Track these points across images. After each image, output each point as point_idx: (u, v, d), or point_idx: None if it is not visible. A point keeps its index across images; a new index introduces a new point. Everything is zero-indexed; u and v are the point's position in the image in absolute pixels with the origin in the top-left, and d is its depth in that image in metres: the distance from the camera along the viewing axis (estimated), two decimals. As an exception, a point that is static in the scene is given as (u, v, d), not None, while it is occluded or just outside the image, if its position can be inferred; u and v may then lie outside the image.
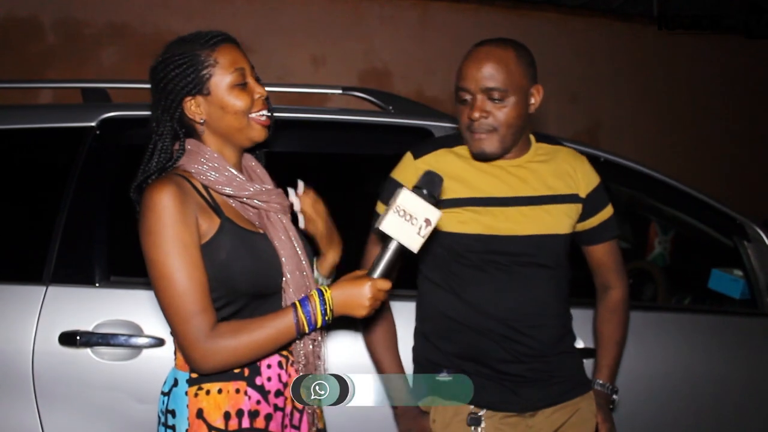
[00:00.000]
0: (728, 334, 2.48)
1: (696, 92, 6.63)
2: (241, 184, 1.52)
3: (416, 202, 1.42)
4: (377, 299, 1.46)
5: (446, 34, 5.37)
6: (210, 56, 1.49)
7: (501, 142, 1.74)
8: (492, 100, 1.70)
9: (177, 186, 1.43)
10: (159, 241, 1.39)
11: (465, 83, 1.72)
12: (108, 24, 4.89)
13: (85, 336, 1.98)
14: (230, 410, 1.46)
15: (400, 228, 1.41)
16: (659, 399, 2.34)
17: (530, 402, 1.82)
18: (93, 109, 2.27)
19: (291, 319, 1.42)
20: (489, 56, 1.71)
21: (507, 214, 1.79)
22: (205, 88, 1.49)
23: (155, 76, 1.51)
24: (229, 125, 1.52)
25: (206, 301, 1.40)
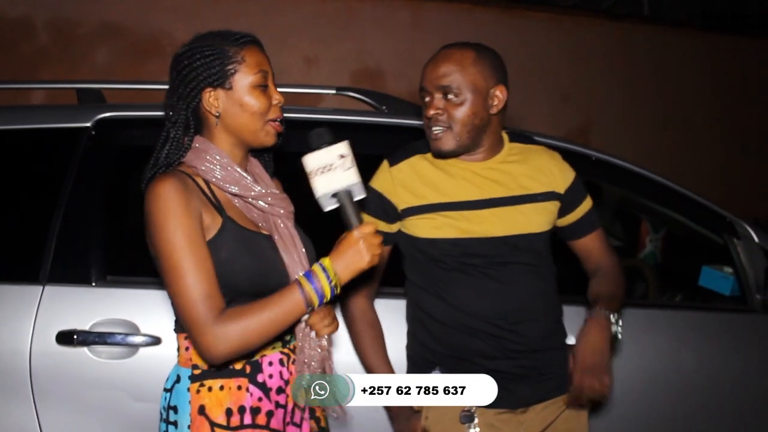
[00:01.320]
0: (719, 330, 2.50)
1: (687, 91, 6.66)
2: (248, 185, 1.53)
3: (320, 156, 1.44)
4: (370, 243, 1.45)
5: (439, 34, 5.38)
6: (238, 53, 1.51)
7: (456, 140, 1.77)
8: (446, 99, 1.75)
9: (180, 181, 1.44)
10: (166, 233, 1.40)
11: (423, 83, 1.80)
12: (101, 24, 4.89)
13: (82, 335, 1.99)
14: (232, 407, 1.47)
15: (330, 180, 1.44)
16: (651, 396, 2.36)
17: (522, 398, 1.84)
18: (88, 109, 2.28)
19: (298, 295, 1.42)
20: (445, 57, 1.78)
21: (480, 217, 1.81)
22: (228, 82, 1.50)
23: (178, 64, 1.52)
24: (244, 124, 1.53)
25: (212, 286, 1.41)
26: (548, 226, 1.89)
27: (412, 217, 1.84)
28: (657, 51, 6.52)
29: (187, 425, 1.47)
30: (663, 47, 6.54)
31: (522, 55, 5.72)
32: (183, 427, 1.47)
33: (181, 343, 1.54)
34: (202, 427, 1.45)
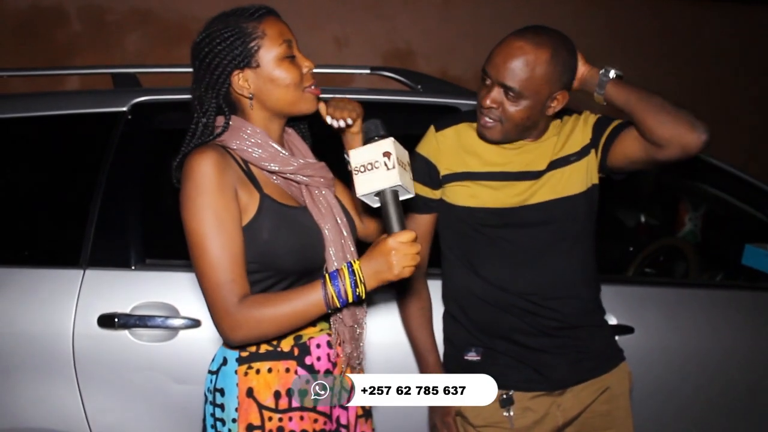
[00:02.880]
0: (762, 310, 2.45)
1: (722, 65, 6.52)
2: (285, 160, 1.50)
3: (365, 152, 1.39)
4: (405, 254, 1.36)
5: (469, 13, 5.32)
6: (257, 28, 1.46)
7: (503, 134, 1.75)
8: (506, 95, 1.69)
9: (219, 154, 1.41)
10: (194, 209, 1.37)
11: (488, 68, 1.71)
12: (131, 10, 4.91)
13: (123, 318, 2.01)
14: (280, 389, 1.46)
15: (372, 179, 1.37)
16: (694, 377, 2.33)
17: (559, 379, 1.82)
18: (124, 94, 2.29)
19: (319, 293, 1.39)
20: (519, 52, 1.67)
21: (519, 188, 1.79)
22: (254, 60, 1.46)
23: (198, 53, 1.48)
24: (280, 98, 1.49)
25: (238, 270, 1.38)
26: (587, 185, 1.83)
27: (451, 183, 1.82)
28: (692, 24, 6.39)
29: (234, 408, 1.46)
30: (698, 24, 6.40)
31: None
32: (230, 410, 1.46)
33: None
34: (250, 410, 1.44)
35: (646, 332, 2.24)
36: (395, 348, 2.10)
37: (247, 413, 1.44)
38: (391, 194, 1.38)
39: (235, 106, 1.51)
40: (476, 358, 1.83)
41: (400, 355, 2.09)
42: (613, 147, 1.80)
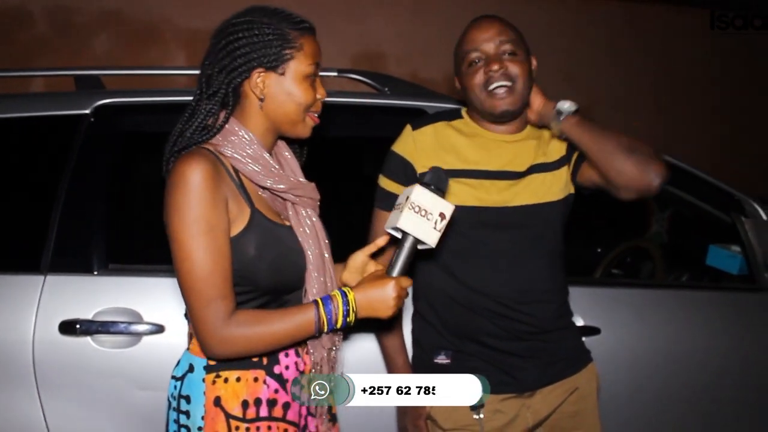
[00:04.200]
0: (727, 309, 2.48)
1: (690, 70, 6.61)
2: (279, 177, 1.47)
3: (430, 198, 1.42)
4: (401, 298, 1.43)
5: (441, 15, 5.34)
6: (298, 39, 1.45)
7: (520, 98, 1.78)
8: (505, 55, 1.76)
9: (212, 164, 1.38)
10: (185, 220, 1.34)
11: (475, 44, 1.77)
12: (100, 11, 4.86)
13: (84, 324, 1.98)
14: (248, 399, 1.44)
15: (417, 224, 1.41)
16: (660, 376, 2.35)
17: (529, 381, 1.82)
18: (87, 96, 2.25)
19: (311, 316, 1.39)
20: (493, 21, 1.81)
21: (499, 187, 1.80)
22: (282, 67, 1.44)
23: (231, 33, 1.43)
24: (286, 114, 1.46)
25: (227, 286, 1.37)
26: (563, 194, 1.86)
27: None
28: (660, 30, 6.47)
29: (200, 416, 1.43)
30: (666, 27, 6.49)
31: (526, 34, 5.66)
32: (196, 418, 1.44)
33: (194, 331, 1.48)
34: (218, 419, 1.42)
35: (613, 333, 2.26)
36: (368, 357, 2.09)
37: (214, 422, 1.42)
38: (415, 243, 1.44)
39: (239, 102, 1.47)
40: (446, 361, 1.83)
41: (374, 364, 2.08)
42: (581, 169, 1.85)
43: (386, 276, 1.44)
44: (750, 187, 3.67)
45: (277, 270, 1.45)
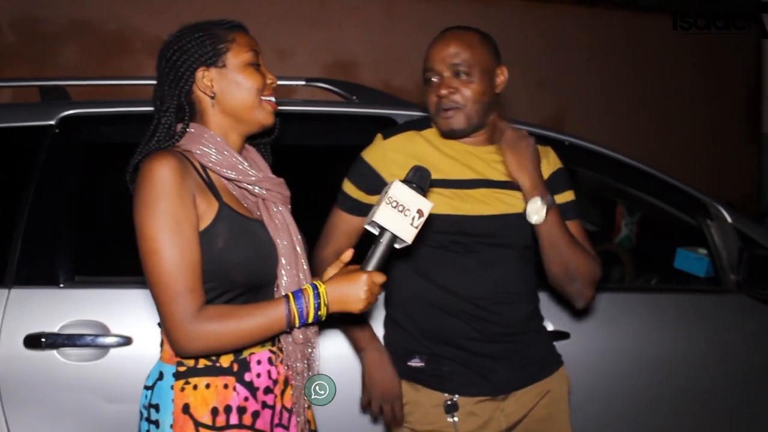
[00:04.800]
0: (694, 312, 2.51)
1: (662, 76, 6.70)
2: (245, 170, 1.49)
3: (409, 194, 1.42)
4: (374, 293, 1.43)
5: (412, 23, 5.37)
6: (228, 35, 1.50)
7: (468, 119, 1.78)
8: (458, 77, 1.76)
9: (178, 159, 1.39)
10: (152, 215, 1.34)
11: (431, 63, 1.79)
12: (69, 21, 4.81)
13: (50, 338, 1.95)
14: (218, 406, 1.42)
15: (394, 219, 1.41)
16: (630, 379, 2.37)
17: (502, 384, 1.83)
18: (52, 107, 2.23)
19: (282, 311, 1.38)
20: (454, 37, 1.80)
21: (472, 196, 1.81)
22: (221, 60, 1.48)
23: (167, 51, 1.49)
24: (241, 102, 1.49)
25: (195, 280, 1.36)
26: None
27: None
28: (632, 37, 6.55)
29: (169, 424, 1.41)
30: (638, 33, 6.57)
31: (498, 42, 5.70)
32: (165, 426, 1.42)
33: (165, 338, 1.47)
34: (186, 427, 1.40)
35: (582, 337, 2.27)
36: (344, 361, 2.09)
37: (182, 430, 1.40)
38: (391, 240, 1.44)
39: (195, 109, 1.50)
40: (420, 364, 1.83)
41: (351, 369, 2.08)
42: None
43: (360, 270, 1.43)
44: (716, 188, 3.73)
45: (249, 263, 1.44)
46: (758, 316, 2.53)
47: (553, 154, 1.95)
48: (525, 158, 1.80)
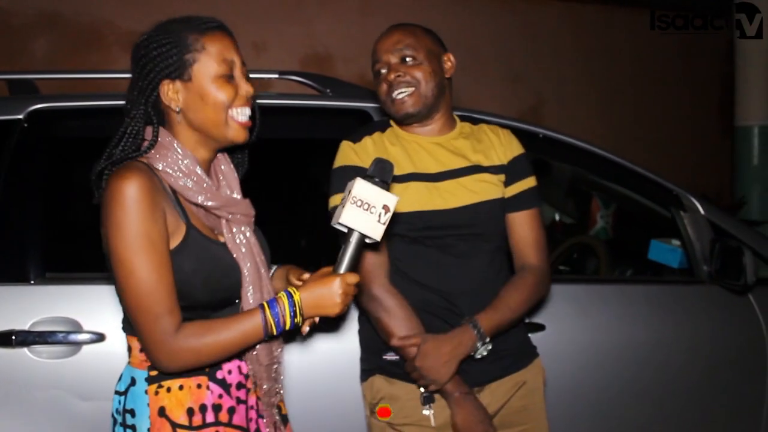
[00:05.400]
0: (668, 302, 2.54)
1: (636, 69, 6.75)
2: (211, 194, 1.44)
3: (372, 190, 1.40)
4: (348, 294, 1.42)
5: (387, 17, 5.31)
6: (198, 41, 1.41)
7: (422, 99, 1.81)
8: (405, 63, 1.81)
9: (147, 177, 1.35)
10: (126, 237, 1.32)
11: (378, 55, 1.85)
12: (38, 13, 4.74)
13: (20, 335, 1.92)
14: (193, 406, 1.43)
15: (360, 218, 1.39)
16: (605, 369, 2.39)
17: (478, 377, 1.84)
18: (20, 101, 2.19)
19: (258, 321, 1.38)
20: (396, 29, 1.87)
21: (440, 189, 1.82)
22: (187, 73, 1.41)
23: (136, 54, 1.43)
24: (207, 118, 1.43)
25: (172, 300, 1.36)
26: (501, 193, 1.89)
27: None
28: (606, 30, 6.59)
29: (146, 428, 1.41)
30: (612, 26, 6.62)
31: (473, 36, 5.73)
32: (142, 431, 1.42)
33: (133, 344, 1.47)
34: (164, 429, 1.40)
35: (557, 329, 2.28)
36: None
37: None
38: (361, 239, 1.41)
39: (164, 118, 1.46)
40: (395, 357, 1.83)
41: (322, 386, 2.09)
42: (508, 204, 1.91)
43: (333, 274, 1.43)
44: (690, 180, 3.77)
45: (212, 286, 1.44)
46: (730, 307, 2.56)
47: (515, 140, 1.95)
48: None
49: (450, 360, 1.74)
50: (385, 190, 1.42)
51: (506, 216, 1.91)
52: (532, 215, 1.91)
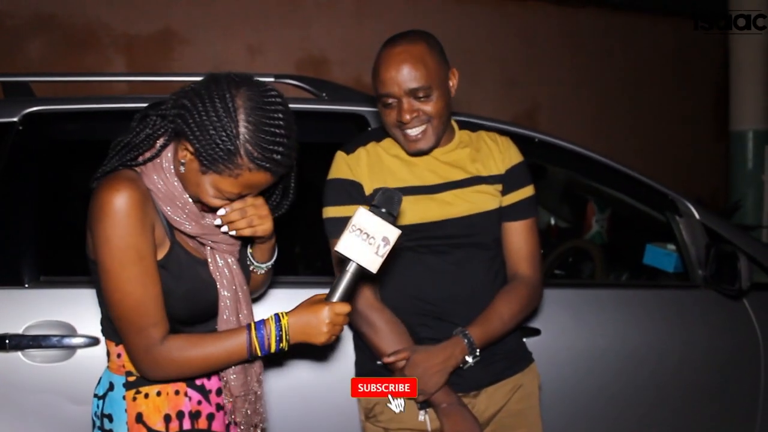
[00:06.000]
0: (663, 307, 2.54)
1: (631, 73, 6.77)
2: (194, 222, 1.43)
3: (373, 221, 1.38)
4: (336, 324, 1.40)
5: (383, 20, 5.37)
6: (241, 168, 1.33)
7: (435, 135, 1.77)
8: (418, 99, 1.72)
9: (138, 188, 1.35)
10: (115, 251, 1.32)
11: (387, 89, 1.73)
12: (34, 15, 4.73)
13: (14, 339, 1.91)
14: (170, 412, 1.44)
15: (358, 248, 1.37)
16: (600, 373, 2.39)
17: (474, 381, 1.83)
18: (15, 103, 2.18)
19: (243, 341, 1.39)
20: (406, 57, 1.71)
21: (438, 200, 1.81)
22: (206, 168, 1.34)
23: (207, 98, 1.32)
24: (191, 193, 1.41)
25: (159, 313, 1.37)
26: (498, 204, 1.89)
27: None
28: (601, 34, 6.61)
29: None
30: (607, 30, 6.63)
31: (469, 40, 5.74)
32: None
33: (112, 349, 1.48)
34: None
35: (553, 334, 2.28)
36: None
37: None
38: (358, 269, 1.38)
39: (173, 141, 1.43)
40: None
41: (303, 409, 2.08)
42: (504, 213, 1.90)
43: (323, 302, 1.41)
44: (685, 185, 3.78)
45: (191, 304, 1.45)
46: (725, 311, 2.56)
47: (514, 148, 1.95)
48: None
49: (440, 371, 1.73)
50: (389, 223, 1.39)
51: (502, 224, 1.91)
52: (527, 225, 1.91)
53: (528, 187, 1.92)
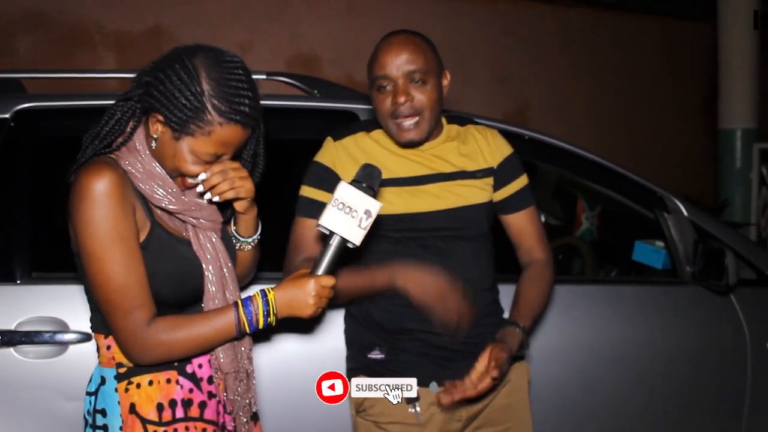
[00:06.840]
0: (652, 302, 2.56)
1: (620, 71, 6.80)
2: (174, 198, 1.44)
3: (355, 194, 1.41)
4: (322, 296, 1.42)
5: (374, 18, 5.37)
6: (212, 124, 1.37)
7: (427, 126, 1.79)
8: (414, 83, 1.75)
9: (116, 172, 1.36)
10: (97, 233, 1.33)
11: (385, 71, 1.76)
12: (24, 12, 4.71)
13: (6, 335, 1.91)
14: (163, 401, 1.44)
15: (341, 221, 1.40)
16: (589, 369, 2.41)
17: (461, 375, 1.83)
18: (6, 100, 2.18)
19: (231, 318, 1.40)
20: (406, 42, 1.77)
21: (425, 191, 1.83)
22: (179, 134, 1.38)
23: (162, 69, 1.38)
24: (165, 166, 1.43)
25: (144, 295, 1.37)
26: (488, 197, 1.91)
27: None
28: (590, 32, 6.64)
29: (119, 427, 1.43)
30: (596, 29, 6.66)
31: (458, 38, 5.75)
32: (114, 430, 1.43)
33: (101, 342, 1.48)
34: (135, 426, 1.41)
35: (542, 329, 2.30)
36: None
37: (131, 430, 1.41)
38: (341, 242, 1.42)
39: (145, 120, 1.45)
40: (380, 356, 1.84)
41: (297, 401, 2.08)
42: (508, 219, 1.95)
43: (308, 275, 1.44)
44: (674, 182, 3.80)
45: (176, 285, 1.45)
46: (712, 307, 2.59)
47: (503, 140, 1.97)
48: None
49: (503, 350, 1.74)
50: (370, 196, 1.42)
51: (504, 218, 1.95)
52: (530, 213, 1.96)
53: (522, 176, 1.95)
